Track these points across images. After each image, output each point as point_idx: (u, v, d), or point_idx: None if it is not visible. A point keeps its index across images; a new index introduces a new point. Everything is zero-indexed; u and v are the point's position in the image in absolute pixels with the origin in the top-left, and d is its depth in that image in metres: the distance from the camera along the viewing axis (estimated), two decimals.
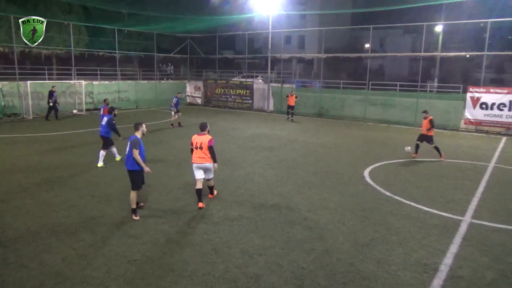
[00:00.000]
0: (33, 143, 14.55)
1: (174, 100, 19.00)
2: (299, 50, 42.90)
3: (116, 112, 11.78)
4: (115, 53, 27.26)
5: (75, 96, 23.90)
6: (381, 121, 22.22)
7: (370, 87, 24.06)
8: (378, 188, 9.71)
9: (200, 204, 8.00)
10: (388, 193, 9.26)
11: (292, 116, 22.88)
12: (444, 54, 26.18)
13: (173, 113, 19.00)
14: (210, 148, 7.76)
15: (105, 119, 11.16)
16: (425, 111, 13.49)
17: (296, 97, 22.60)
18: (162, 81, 31.00)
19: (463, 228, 7.27)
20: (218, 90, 30.01)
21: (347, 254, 6.10)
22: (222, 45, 33.60)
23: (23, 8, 23.98)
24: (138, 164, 7.22)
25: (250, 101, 28.37)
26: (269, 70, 28.47)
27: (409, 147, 13.54)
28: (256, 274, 5.44)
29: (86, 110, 23.99)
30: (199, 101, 31.46)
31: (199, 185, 7.98)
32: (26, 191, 8.90)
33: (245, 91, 28.61)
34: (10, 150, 13.19)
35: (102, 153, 11.33)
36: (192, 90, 31.94)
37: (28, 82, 21.30)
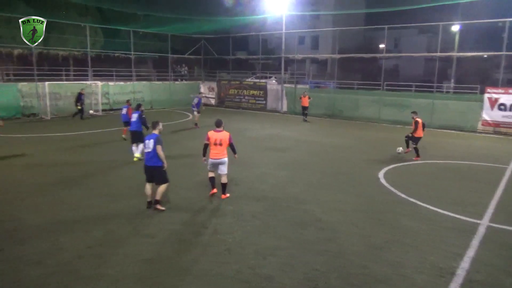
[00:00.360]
0: (50, 142, 14.82)
1: (196, 100, 19.23)
2: (312, 50, 42.72)
3: (143, 108, 12.51)
4: (130, 54, 27.58)
5: (91, 97, 24.23)
6: (396, 122, 21.95)
7: (384, 87, 23.80)
8: (393, 189, 9.59)
9: (214, 190, 8.64)
10: (403, 195, 9.14)
11: (306, 117, 22.90)
12: (460, 54, 25.71)
13: (195, 113, 19.19)
14: (232, 145, 8.41)
15: (135, 115, 11.97)
16: (413, 112, 13.63)
17: (309, 98, 22.61)
18: (176, 82, 31.23)
19: (480, 231, 7.12)
20: (231, 91, 30.09)
21: (361, 256, 6.04)
22: (236, 46, 33.68)
23: (40, 11, 24.44)
24: (162, 160, 7.69)
25: (264, 102, 28.36)
26: (282, 71, 28.43)
27: (401, 148, 13.54)
28: (269, 275, 5.43)
29: (102, 110, 24.32)
30: (212, 101, 31.60)
31: (211, 174, 8.61)
32: (42, 189, 9.07)
33: (258, 91, 28.62)
34: (28, 150, 13.45)
35: (134, 148, 12.09)
36: (206, 91, 32.09)
37: (46, 83, 21.72)
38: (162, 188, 7.84)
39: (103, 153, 13.19)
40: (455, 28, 30.05)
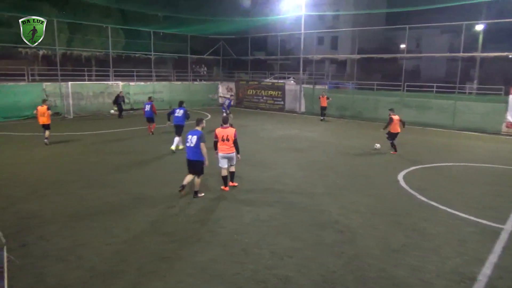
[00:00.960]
0: (73, 141, 15.19)
1: (227, 102, 19.40)
2: (331, 51, 42.40)
3: (184, 105, 14.04)
4: (151, 55, 27.99)
5: (113, 97, 24.71)
6: (417, 123, 21.55)
7: (405, 88, 23.41)
8: (412, 192, 9.43)
9: (225, 188, 9.17)
10: (423, 198, 8.98)
11: (324, 117, 23.03)
12: (484, 54, 25.06)
13: (225, 114, 19.30)
14: (235, 143, 8.87)
15: (181, 111, 13.41)
16: (390, 109, 14.45)
17: (327, 98, 22.68)
18: (195, 82, 31.53)
19: (503, 236, 6.92)
20: (249, 91, 30.16)
21: (379, 259, 5.97)
22: (254, 47, 33.74)
23: (65, 12, 25.11)
24: (203, 156, 8.29)
25: (282, 102, 28.32)
26: (301, 71, 28.33)
27: (378, 145, 13.65)
28: (285, 276, 5.42)
29: (123, 110, 24.75)
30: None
31: (224, 173, 9.12)
32: (64, 187, 9.31)
33: (276, 92, 28.60)
34: (51, 148, 13.82)
35: (177, 138, 13.37)
36: (224, 91, 32.27)
37: (69, 83, 22.28)
38: (198, 180, 8.59)
39: (122, 152, 13.43)
40: (479, 27, 29.32)
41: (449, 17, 25.77)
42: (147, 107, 16.21)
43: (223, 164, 9.00)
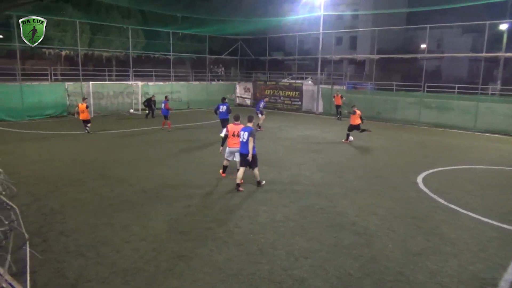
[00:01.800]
0: (93, 139, 15.50)
1: (262, 104, 19.54)
2: (350, 51, 41.98)
3: (226, 100, 16.13)
4: (170, 55, 28.33)
5: (132, 96, 25.12)
6: (437, 125, 21.18)
7: (425, 89, 23.01)
8: (432, 195, 9.26)
9: (223, 174, 10.29)
10: (442, 201, 8.81)
11: (340, 115, 23.46)
12: (508, 54, 24.40)
13: (260, 115, 19.45)
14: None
15: (224, 107, 15.58)
16: (353, 106, 16.43)
17: (342, 97, 23.09)
18: (213, 82, 31.72)
19: None
20: (267, 91, 30.16)
21: (397, 263, 5.89)
22: (272, 47, 33.75)
23: (86, 14, 25.64)
24: (249, 150, 9.07)
25: (299, 103, 28.23)
26: (319, 72, 28.18)
27: (132, 110, 14.19)
28: (301, 277, 5.40)
29: (142, 109, 25.12)
30: (248, 102, 31.80)
31: (226, 163, 10.25)
32: (85, 185, 9.51)
33: (294, 92, 28.52)
34: (72, 146, 14.15)
35: (224, 130, 14.35)
36: (242, 91, 32.36)
37: (90, 82, 22.77)
38: (256, 171, 9.50)
39: (140, 150, 13.63)
40: (503, 26, 28.54)
41: (472, 16, 25.19)
42: (163, 105, 17.75)
43: (228, 156, 9.96)
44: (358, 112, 15.79)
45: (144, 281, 5.25)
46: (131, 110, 24.65)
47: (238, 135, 9.35)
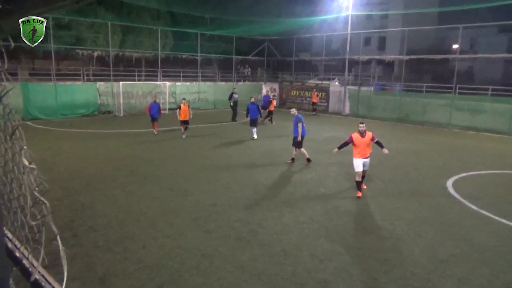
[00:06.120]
0: (123, 138, 15.92)
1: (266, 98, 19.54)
2: (379, 51, 41.21)
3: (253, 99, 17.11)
4: (197, 55, 28.70)
5: (160, 96, 25.59)
6: (469, 128, 20.48)
7: (457, 91, 22.31)
8: (462, 200, 8.97)
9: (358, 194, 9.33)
10: (473, 207, 8.52)
11: (315, 111, 22.93)
12: None
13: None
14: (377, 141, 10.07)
15: (254, 106, 16.35)
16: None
17: (317, 95, 22.55)
18: (239, 83, 31.89)
19: None
20: (293, 92, 30.05)
21: (423, 269, 5.74)
22: (299, 47, 33.58)
23: (118, 16, 26.34)
24: (297, 132, 11.79)
25: (326, 104, 27.96)
26: (346, 72, 27.82)
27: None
28: (325, 280, 5.36)
29: (169, 109, 25.56)
30: (274, 102, 31.74)
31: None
32: (115, 182, 9.78)
33: (321, 93, 28.28)
34: (103, 144, 14.57)
35: (254, 129, 16.32)
36: (268, 92, 32.33)
37: (121, 82, 23.37)
38: (302, 150, 12.03)
39: (169, 149, 13.87)
40: None
41: (507, 15, 24.19)
42: (151, 107, 17.26)
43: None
44: (272, 101, 17.12)
45: (169, 277, 5.35)
46: None
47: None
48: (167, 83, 25.79)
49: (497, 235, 7.06)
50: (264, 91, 32.38)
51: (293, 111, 12.75)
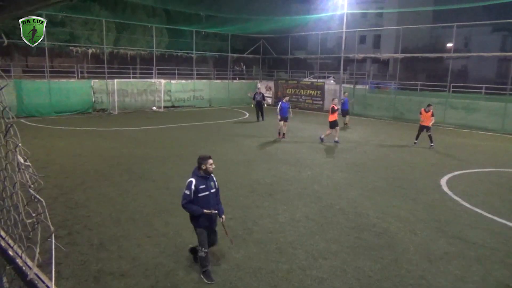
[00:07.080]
0: (118, 136, 15.83)
1: (343, 100, 19.43)
2: (374, 50, 41.32)
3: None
4: (192, 53, 28.61)
5: (155, 94, 25.51)
6: (463, 126, 20.61)
7: (451, 89, 22.43)
8: (456, 198, 9.04)
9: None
10: (467, 204, 8.58)
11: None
12: None
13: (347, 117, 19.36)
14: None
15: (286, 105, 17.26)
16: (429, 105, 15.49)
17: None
18: (235, 81, 31.85)
19: None
20: (288, 91, 30.04)
21: (418, 266, 5.78)
22: (294, 45, 33.55)
23: (113, 13, 26.17)
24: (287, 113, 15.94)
25: (321, 102, 28.00)
26: (341, 71, 27.85)
27: (155, 107, 13.84)
28: (320, 278, 5.38)
29: (164, 107, 25.48)
30: (269, 101, 31.76)
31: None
32: (109, 180, 9.74)
33: (316, 91, 28.31)
34: (97, 142, 14.49)
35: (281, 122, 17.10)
36: (263, 90, 32.32)
37: (115, 80, 23.23)
38: (287, 123, 16.03)
39: (164, 147, 13.83)
40: None
41: (501, 14, 24.34)
42: None
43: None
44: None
45: (164, 275, 5.34)
46: (154, 108, 25.02)
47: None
48: (162, 81, 25.68)
49: (490, 232, 7.12)
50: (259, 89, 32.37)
51: (286, 98, 16.32)
